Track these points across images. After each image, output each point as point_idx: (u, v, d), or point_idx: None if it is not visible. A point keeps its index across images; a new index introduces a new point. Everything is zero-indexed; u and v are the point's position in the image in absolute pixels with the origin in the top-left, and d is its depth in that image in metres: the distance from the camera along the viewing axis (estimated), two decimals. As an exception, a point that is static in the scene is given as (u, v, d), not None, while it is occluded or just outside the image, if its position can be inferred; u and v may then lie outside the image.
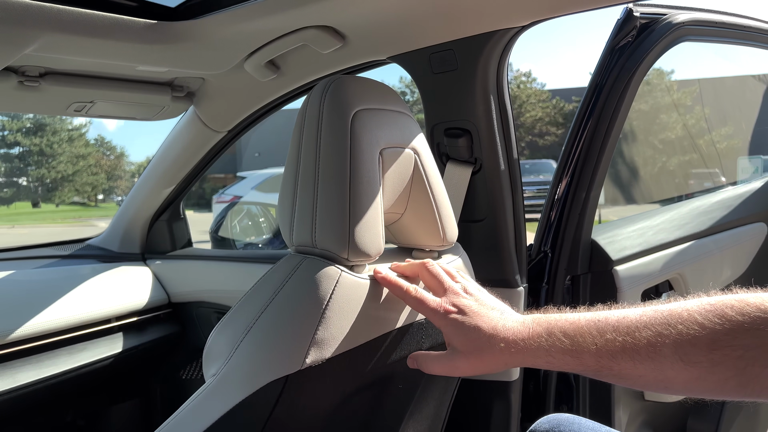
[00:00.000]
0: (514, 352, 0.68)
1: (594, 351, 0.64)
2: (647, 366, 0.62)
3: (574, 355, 0.65)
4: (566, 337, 0.66)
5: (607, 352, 0.63)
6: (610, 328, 0.64)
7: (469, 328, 0.71)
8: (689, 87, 13.05)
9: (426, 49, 1.17)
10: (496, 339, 0.69)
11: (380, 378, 0.90)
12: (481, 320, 0.71)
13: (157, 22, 1.06)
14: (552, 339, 0.66)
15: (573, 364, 0.66)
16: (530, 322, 0.70)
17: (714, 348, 0.59)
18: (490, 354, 0.69)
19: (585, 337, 0.65)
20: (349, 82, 0.86)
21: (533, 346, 0.67)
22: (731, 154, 4.86)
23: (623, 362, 0.63)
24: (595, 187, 1.30)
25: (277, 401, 0.76)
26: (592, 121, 1.27)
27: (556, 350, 0.66)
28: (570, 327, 0.67)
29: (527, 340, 0.68)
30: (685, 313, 0.61)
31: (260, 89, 1.50)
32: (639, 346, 0.62)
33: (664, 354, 0.61)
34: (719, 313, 0.59)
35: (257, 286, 0.83)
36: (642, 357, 0.62)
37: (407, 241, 0.99)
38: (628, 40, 1.24)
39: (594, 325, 0.65)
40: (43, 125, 31.50)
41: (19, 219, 23.65)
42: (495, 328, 0.70)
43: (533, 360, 0.68)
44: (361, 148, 0.82)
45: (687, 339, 0.60)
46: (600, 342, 0.64)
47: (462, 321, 0.72)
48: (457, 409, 1.18)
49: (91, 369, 1.58)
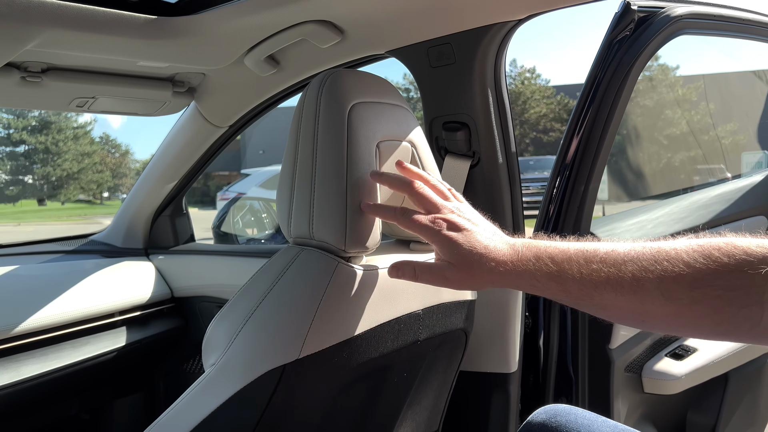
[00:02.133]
0: (502, 272, 0.70)
1: (578, 279, 0.65)
2: (629, 299, 0.63)
3: (558, 281, 0.66)
4: (553, 263, 0.67)
5: (591, 282, 0.65)
6: (597, 258, 0.66)
7: (461, 245, 0.71)
8: (694, 83, 13.00)
9: (424, 43, 1.18)
10: (486, 257, 0.70)
11: (378, 368, 0.91)
12: (473, 238, 0.72)
13: (157, 17, 1.07)
14: (539, 263, 0.68)
15: (556, 289, 0.67)
16: (520, 245, 0.71)
17: (695, 286, 0.60)
18: (478, 271, 0.70)
19: (572, 265, 0.66)
20: (346, 76, 0.87)
21: (520, 269, 0.69)
22: (736, 149, 4.85)
23: (606, 293, 0.64)
24: (594, 181, 1.30)
25: (275, 390, 0.77)
26: (590, 115, 1.27)
27: (541, 274, 0.67)
28: (558, 253, 0.68)
29: (516, 262, 0.69)
30: (673, 251, 0.62)
31: (260, 84, 1.51)
32: (623, 279, 0.63)
33: (646, 288, 0.62)
34: (706, 254, 0.60)
35: (255, 277, 0.84)
36: (625, 289, 0.63)
37: (404, 233, 1.00)
38: (626, 34, 1.25)
39: (582, 255, 0.67)
40: (49, 123, 31.62)
41: (25, 217, 23.76)
42: (486, 247, 0.71)
43: (518, 282, 0.70)
44: (358, 140, 0.83)
45: (671, 276, 0.61)
46: (586, 271, 0.65)
47: (455, 237, 0.72)
48: (456, 401, 1.18)
49: (94, 363, 1.59)
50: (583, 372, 1.37)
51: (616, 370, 1.37)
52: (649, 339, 1.47)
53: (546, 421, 0.89)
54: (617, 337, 1.37)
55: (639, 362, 1.46)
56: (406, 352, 0.94)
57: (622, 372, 1.41)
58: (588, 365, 1.37)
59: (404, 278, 0.77)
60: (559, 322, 1.34)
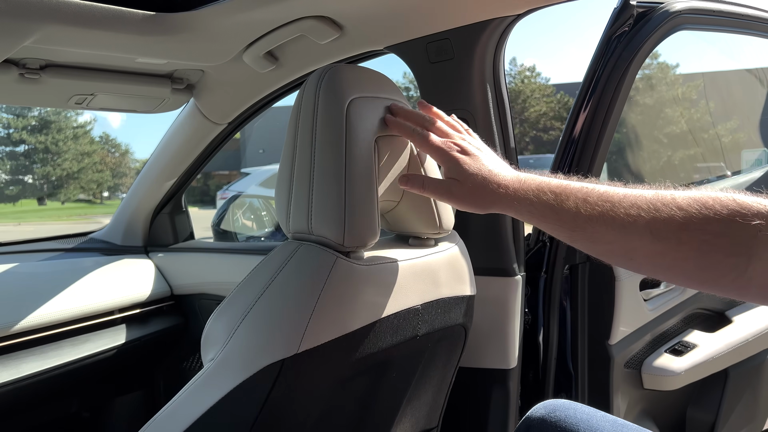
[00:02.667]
0: (503, 195, 0.75)
1: (574, 211, 0.69)
2: (618, 233, 0.66)
3: (554, 211, 0.70)
4: (552, 194, 0.71)
5: (586, 215, 0.68)
6: (595, 195, 0.69)
7: (469, 165, 0.78)
8: (694, 81, 13.00)
9: (423, 39, 1.18)
10: (490, 179, 0.76)
11: (377, 363, 0.91)
12: (481, 162, 0.78)
13: (156, 13, 1.07)
14: (539, 192, 0.72)
15: (551, 218, 0.71)
16: (524, 176, 0.76)
17: (684, 228, 0.62)
18: (483, 191, 0.76)
19: (569, 197, 0.70)
20: (344, 71, 0.87)
21: (521, 195, 0.73)
22: (736, 148, 4.85)
23: (597, 226, 0.67)
24: (593, 177, 1.30)
25: (273, 385, 0.77)
26: (589, 111, 1.27)
27: (540, 203, 0.72)
28: (558, 186, 0.72)
29: (517, 188, 0.74)
30: (669, 196, 0.65)
31: (259, 81, 1.51)
32: (617, 215, 0.66)
33: (637, 225, 0.64)
34: (701, 201, 0.62)
35: (254, 272, 0.84)
36: (616, 225, 0.66)
37: (403, 229, 1.00)
38: (624, 29, 1.24)
39: (581, 191, 0.70)
40: (49, 123, 31.62)
41: (25, 216, 23.76)
42: (491, 171, 0.77)
43: (518, 207, 0.74)
44: (357, 135, 0.83)
45: (663, 217, 0.63)
46: (582, 204, 0.69)
47: (464, 159, 0.78)
48: (455, 397, 1.18)
49: (94, 360, 1.59)
50: (582, 368, 1.37)
51: (615, 366, 1.37)
52: (649, 335, 1.47)
53: (545, 416, 0.89)
54: (617, 332, 1.37)
55: (638, 358, 1.46)
56: (405, 347, 0.94)
57: (622, 368, 1.41)
58: (588, 361, 1.37)
59: (413, 189, 0.83)
60: (558, 318, 1.34)
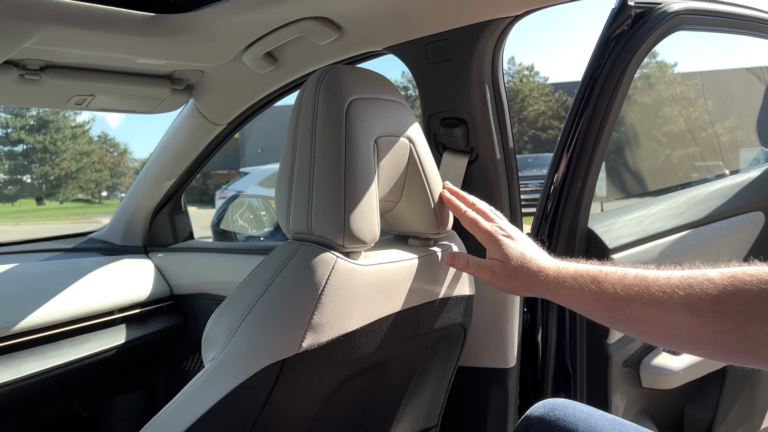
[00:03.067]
0: (543, 280, 0.79)
1: (611, 291, 0.73)
2: (656, 311, 0.69)
3: (593, 293, 0.75)
4: (589, 277, 0.76)
5: (624, 295, 0.72)
6: (630, 276, 0.73)
7: (513, 249, 0.84)
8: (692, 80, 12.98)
9: (421, 40, 1.18)
10: (532, 264, 0.81)
11: (377, 363, 0.91)
12: (523, 247, 0.84)
13: (155, 14, 1.07)
14: (577, 276, 0.77)
15: (590, 301, 0.75)
16: (561, 263, 0.82)
17: (719, 300, 0.65)
18: (526, 274, 0.81)
19: (606, 279, 0.74)
20: (343, 72, 0.87)
21: (560, 280, 0.78)
22: (734, 146, 4.86)
23: (635, 305, 0.71)
24: (591, 176, 1.31)
25: (274, 385, 0.78)
26: (587, 111, 1.28)
27: (578, 286, 0.76)
28: (595, 270, 0.77)
29: (557, 273, 0.79)
30: (701, 273, 0.69)
31: (259, 81, 1.51)
32: (653, 294, 0.70)
33: (673, 301, 0.68)
34: (731, 274, 0.66)
35: (254, 272, 0.84)
36: (653, 303, 0.70)
37: (403, 229, 1.00)
38: (623, 29, 1.25)
39: (615, 273, 0.75)
40: (47, 122, 31.56)
41: (23, 216, 23.73)
42: (532, 257, 0.83)
43: (556, 291, 0.78)
44: (357, 136, 0.83)
45: (696, 292, 0.67)
46: (618, 286, 0.73)
47: (510, 243, 0.85)
48: (455, 396, 1.19)
49: (94, 360, 1.59)
50: (581, 367, 1.38)
51: (614, 365, 1.38)
52: (647, 334, 1.48)
53: (544, 415, 0.89)
54: (615, 332, 1.38)
55: (637, 357, 1.47)
56: (404, 346, 0.94)
57: (620, 367, 1.42)
58: (586, 360, 1.37)
59: (457, 267, 0.90)
60: (557, 318, 1.34)
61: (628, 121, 8.62)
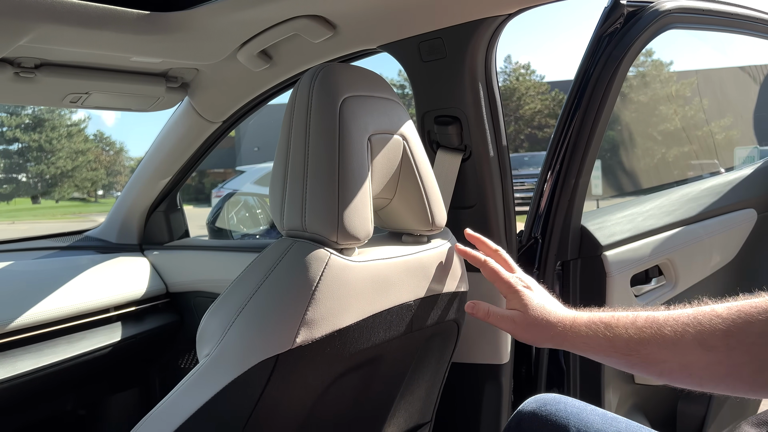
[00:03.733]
0: (561, 330, 0.82)
1: (626, 337, 0.75)
2: (670, 351, 0.72)
3: (607, 339, 0.77)
4: (603, 324, 0.79)
5: (637, 338, 0.74)
6: (641, 319, 0.76)
7: (531, 300, 0.87)
8: (688, 78, 13.03)
9: (415, 38, 1.19)
10: (551, 313, 0.84)
11: (370, 358, 0.92)
12: (544, 299, 0.87)
13: (150, 12, 1.08)
14: (591, 325, 0.80)
15: (606, 346, 0.77)
16: (575, 313, 0.85)
17: (730, 335, 0.67)
18: (545, 325, 0.83)
19: (619, 324, 0.77)
20: (337, 70, 0.88)
21: (575, 330, 0.81)
22: (730, 145, 4.88)
23: (650, 347, 0.73)
24: (584, 174, 1.32)
25: (268, 380, 0.78)
26: (580, 109, 1.29)
27: (593, 335, 0.79)
28: (607, 317, 0.79)
29: (573, 323, 0.82)
30: (709, 309, 0.71)
31: (253, 79, 1.51)
32: (665, 334, 0.72)
33: (685, 340, 0.70)
34: (738, 308, 0.68)
35: (249, 269, 0.85)
36: (667, 343, 0.72)
37: (397, 226, 1.01)
38: (615, 27, 1.26)
39: (627, 317, 0.77)
40: (42, 121, 31.44)
41: (19, 215, 23.65)
42: (551, 307, 0.86)
43: (573, 340, 0.81)
44: (350, 134, 0.84)
45: (707, 328, 0.69)
46: (632, 331, 0.75)
47: (530, 294, 0.88)
48: (449, 392, 1.20)
49: (90, 358, 1.60)
50: (574, 363, 1.39)
51: (606, 361, 1.39)
52: (640, 330, 1.49)
53: (536, 410, 0.90)
54: (608, 328, 1.39)
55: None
56: (398, 342, 0.95)
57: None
58: (579, 356, 1.38)
59: (477, 315, 0.91)
60: (550, 314, 1.35)
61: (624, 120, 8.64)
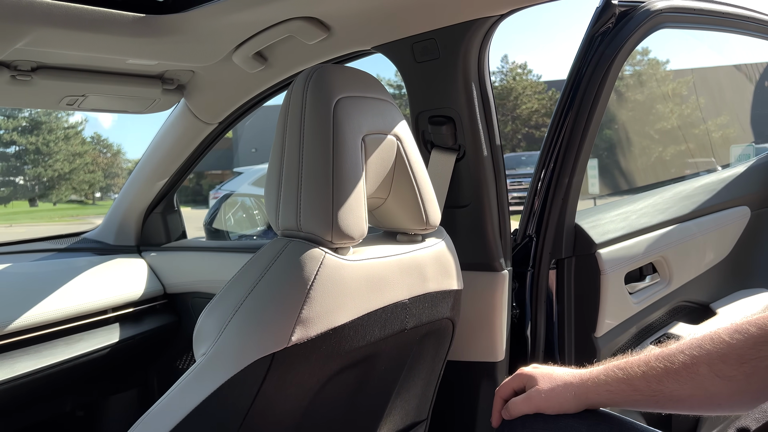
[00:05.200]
0: (580, 384, 0.82)
1: (641, 375, 0.76)
2: (690, 386, 0.72)
3: (627, 383, 0.77)
4: (619, 369, 0.79)
5: (653, 377, 0.75)
6: (652, 357, 0.77)
7: (544, 370, 0.88)
8: (684, 77, 13.04)
9: (408, 39, 1.20)
10: (566, 374, 0.85)
11: (365, 357, 0.93)
12: (553, 368, 0.89)
13: (146, 15, 1.09)
14: (608, 372, 0.80)
15: (628, 390, 0.78)
16: (589, 367, 0.85)
17: (743, 361, 0.68)
18: (563, 385, 0.83)
19: (633, 367, 0.78)
20: (331, 71, 0.89)
21: (595, 381, 0.81)
22: (726, 143, 4.89)
23: (669, 384, 0.74)
24: (578, 173, 1.33)
25: (264, 378, 0.79)
26: (573, 108, 1.30)
27: (612, 380, 0.79)
28: (622, 362, 0.80)
29: (590, 375, 0.83)
30: (714, 334, 0.71)
31: (249, 81, 1.52)
32: (678, 369, 0.73)
33: (701, 373, 0.71)
34: (743, 331, 0.69)
35: (244, 268, 0.86)
36: (683, 378, 0.72)
37: (391, 225, 1.02)
38: (607, 27, 1.27)
39: (640, 359, 0.79)
40: (39, 123, 31.38)
41: (16, 218, 23.62)
42: (562, 370, 0.87)
43: (597, 390, 0.81)
44: (344, 134, 0.85)
45: (717, 356, 0.70)
46: (645, 369, 0.76)
47: (538, 370, 0.88)
48: (445, 390, 1.21)
49: (88, 359, 1.60)
50: (569, 360, 1.40)
51: (602, 358, 1.40)
52: (635, 327, 1.50)
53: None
54: (602, 325, 1.40)
55: (624, 350, 1.49)
56: (393, 340, 0.96)
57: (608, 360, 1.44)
58: (574, 354, 1.39)
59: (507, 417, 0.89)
60: (545, 312, 1.36)
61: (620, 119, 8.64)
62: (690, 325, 1.57)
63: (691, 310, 1.66)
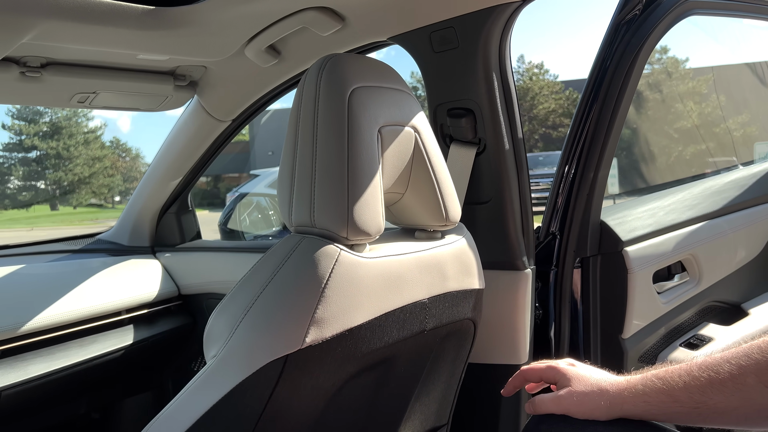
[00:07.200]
0: (616, 393, 0.76)
1: (683, 386, 0.70)
2: (736, 398, 0.67)
3: (667, 393, 0.72)
4: (658, 379, 0.74)
5: (696, 388, 0.69)
6: (695, 367, 0.71)
7: (580, 371, 0.82)
8: (704, 75, 12.87)
9: (426, 28, 1.16)
10: (603, 381, 0.79)
11: (384, 359, 0.89)
12: (590, 370, 0.83)
13: (155, 7, 1.06)
14: (646, 381, 0.75)
15: (668, 402, 0.72)
16: (626, 375, 0.80)
17: None
18: (598, 392, 0.78)
19: (674, 377, 0.72)
20: (346, 60, 0.85)
21: (632, 390, 0.75)
22: (748, 141, 4.80)
23: (713, 396, 0.68)
24: (603, 167, 1.27)
25: (277, 381, 0.75)
26: (598, 100, 1.24)
27: (650, 390, 0.73)
28: (662, 371, 0.75)
29: (627, 384, 0.77)
30: (763, 342, 0.66)
31: (262, 76, 1.49)
32: (723, 380, 0.67)
33: (748, 384, 0.66)
34: None
35: (256, 266, 0.82)
36: (729, 389, 0.67)
37: (409, 222, 0.98)
38: (634, 14, 1.22)
39: (681, 368, 0.73)
40: (60, 128, 31.86)
41: (37, 222, 23.96)
42: (600, 374, 0.81)
43: (633, 401, 0.75)
44: (360, 125, 0.81)
45: (765, 365, 0.65)
46: (687, 379, 0.71)
47: (573, 369, 0.83)
48: (465, 394, 1.16)
49: (102, 361, 1.58)
50: (595, 363, 1.34)
51: (629, 361, 1.35)
52: (663, 328, 1.44)
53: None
54: (630, 326, 1.34)
55: (653, 352, 1.43)
56: (412, 342, 0.92)
57: (636, 362, 1.38)
58: (600, 356, 1.34)
59: (530, 412, 0.85)
60: (570, 313, 1.31)
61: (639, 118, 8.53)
62: (721, 326, 1.51)
63: (721, 310, 1.60)
